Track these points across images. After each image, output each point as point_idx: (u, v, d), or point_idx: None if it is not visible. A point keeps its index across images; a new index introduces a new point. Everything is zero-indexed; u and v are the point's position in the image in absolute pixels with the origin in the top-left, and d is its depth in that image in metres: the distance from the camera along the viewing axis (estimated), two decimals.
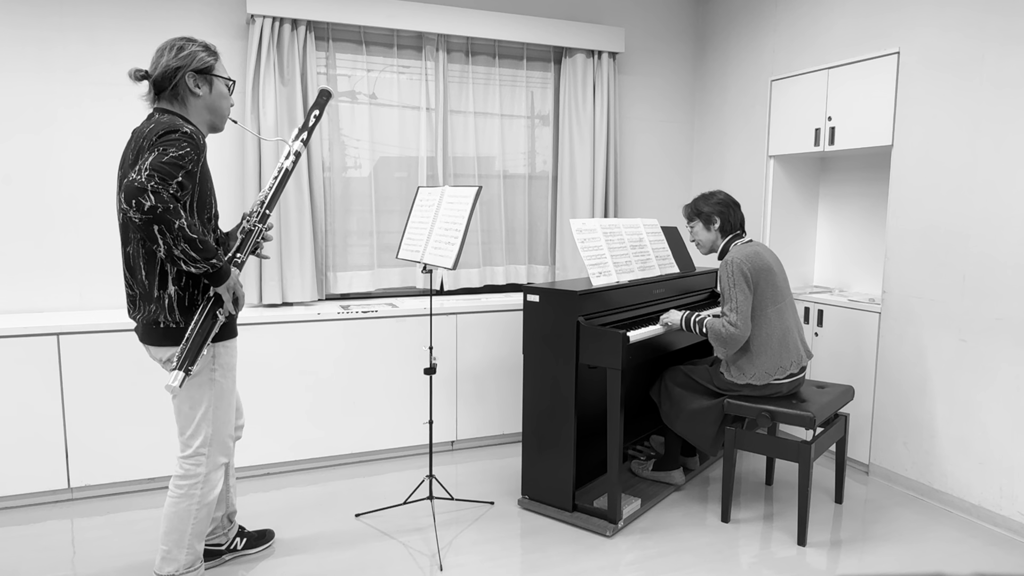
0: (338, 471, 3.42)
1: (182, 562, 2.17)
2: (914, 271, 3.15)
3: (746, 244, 2.87)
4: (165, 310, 2.02)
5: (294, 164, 2.22)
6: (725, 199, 2.96)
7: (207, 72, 2.07)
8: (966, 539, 2.77)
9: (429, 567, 2.53)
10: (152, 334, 2.06)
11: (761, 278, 2.75)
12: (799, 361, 2.81)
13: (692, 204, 3.02)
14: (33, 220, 3.21)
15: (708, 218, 2.95)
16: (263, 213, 2.16)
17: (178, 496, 2.14)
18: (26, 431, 2.91)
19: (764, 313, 2.76)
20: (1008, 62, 2.75)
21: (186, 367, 1.95)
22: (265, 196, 2.18)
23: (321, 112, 2.31)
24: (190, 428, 2.13)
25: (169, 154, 1.84)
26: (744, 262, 2.75)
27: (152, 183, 1.78)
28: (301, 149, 2.25)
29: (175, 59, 2.02)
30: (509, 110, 4.07)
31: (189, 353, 1.97)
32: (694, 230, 3.02)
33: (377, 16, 3.60)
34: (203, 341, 2.00)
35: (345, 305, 3.60)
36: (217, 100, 2.12)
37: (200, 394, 2.12)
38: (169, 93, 2.04)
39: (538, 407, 2.91)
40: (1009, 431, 2.79)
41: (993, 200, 2.82)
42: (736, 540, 2.75)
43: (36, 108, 3.17)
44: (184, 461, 2.15)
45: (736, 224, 2.95)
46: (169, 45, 2.04)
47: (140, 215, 1.77)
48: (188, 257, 1.87)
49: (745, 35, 4.18)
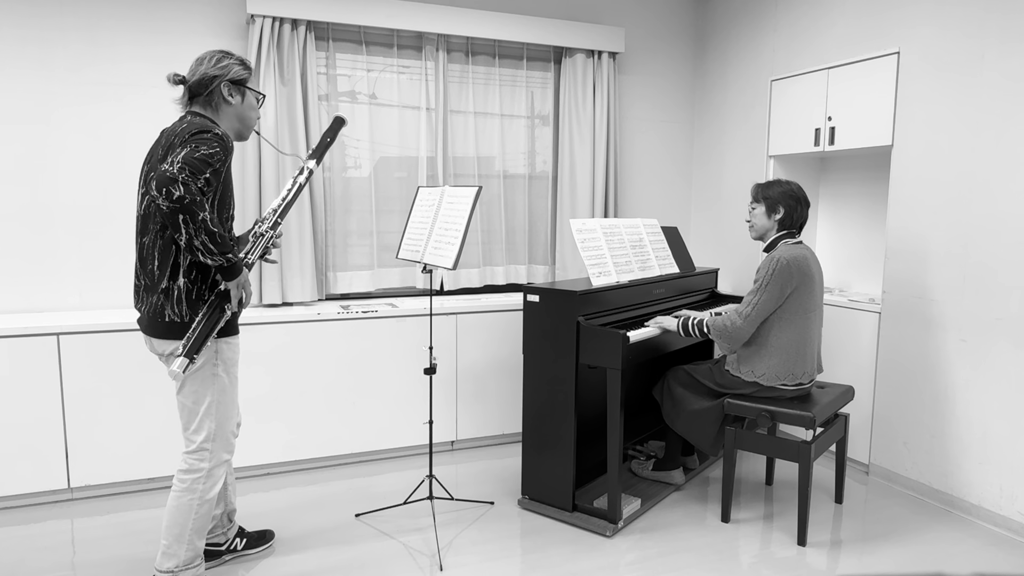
0: (338, 471, 3.42)
1: (182, 558, 2.18)
2: (914, 271, 3.14)
3: (796, 245, 2.79)
4: (173, 302, 2.08)
5: (307, 180, 2.36)
6: (797, 193, 2.83)
7: (241, 83, 2.21)
8: (966, 539, 2.76)
9: (429, 567, 2.53)
10: (156, 327, 2.12)
11: (801, 283, 2.70)
12: (811, 373, 2.79)
13: (763, 186, 2.87)
14: (33, 220, 3.21)
15: (773, 205, 2.82)
16: (275, 220, 2.26)
17: (181, 490, 2.18)
18: (26, 431, 2.91)
19: (792, 318, 2.71)
20: (1008, 61, 2.74)
21: (191, 354, 2.02)
22: (278, 206, 2.28)
23: (333, 139, 2.46)
24: (194, 423, 2.19)
25: (201, 151, 1.94)
26: (792, 265, 2.67)
27: (183, 175, 1.87)
28: (314, 167, 2.38)
29: (214, 68, 2.15)
30: (509, 110, 4.07)
31: (195, 342, 2.04)
32: (754, 212, 2.88)
33: (377, 16, 3.60)
34: (209, 332, 2.07)
35: (345, 305, 3.61)
36: (247, 110, 2.25)
37: (203, 389, 2.17)
38: (203, 99, 2.17)
39: (538, 407, 2.91)
40: (1009, 431, 2.79)
41: (993, 200, 2.82)
42: (736, 540, 2.74)
43: (36, 108, 3.17)
44: (188, 456, 2.20)
45: (797, 222, 2.84)
46: (209, 56, 2.17)
47: (169, 203, 1.86)
48: (206, 248, 1.95)
49: (745, 35, 4.18)
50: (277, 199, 2.30)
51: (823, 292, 2.84)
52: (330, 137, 2.44)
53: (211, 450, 2.20)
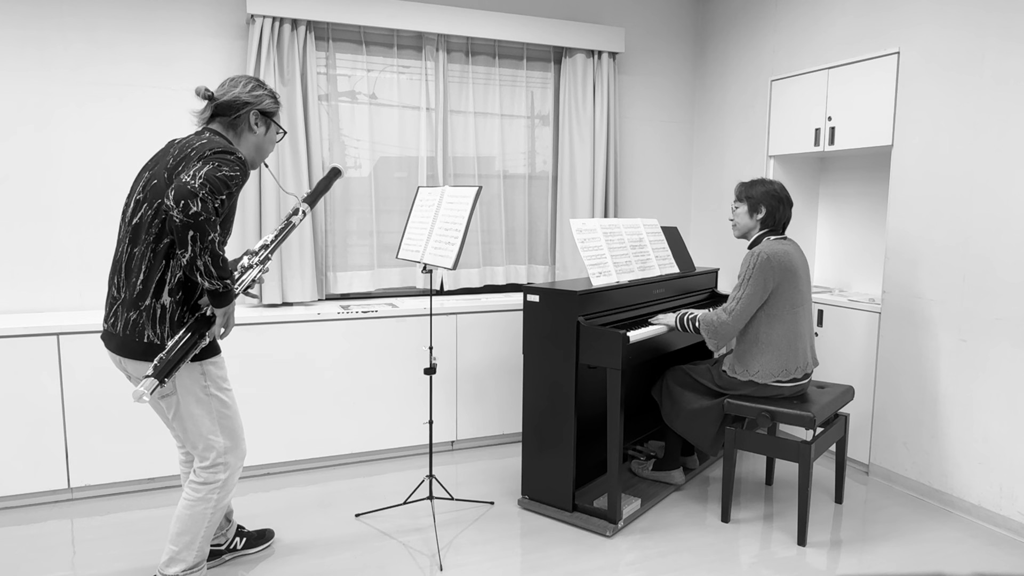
0: (338, 471, 3.42)
1: (189, 563, 2.17)
2: (914, 271, 3.14)
3: (779, 240, 2.80)
4: (154, 321, 2.00)
5: (300, 221, 2.35)
6: (779, 192, 2.84)
7: (269, 116, 2.23)
8: (966, 539, 2.76)
9: (429, 567, 2.53)
10: (132, 347, 2.02)
11: (784, 279, 2.71)
12: (804, 367, 2.79)
13: (746, 185, 2.89)
14: (33, 220, 3.21)
15: (755, 205, 2.84)
16: (265, 256, 2.23)
17: (195, 499, 2.15)
18: (26, 431, 2.91)
19: (780, 314, 2.72)
20: (1008, 60, 2.74)
21: (161, 376, 1.95)
22: (269, 242, 2.25)
23: (328, 187, 2.46)
24: (200, 443, 2.15)
25: (223, 171, 1.93)
26: (772, 259, 2.69)
27: (204, 191, 1.86)
28: (308, 210, 2.37)
29: (248, 95, 2.16)
30: (509, 110, 4.07)
31: (167, 365, 1.96)
32: (737, 211, 2.90)
33: (377, 16, 3.60)
34: (182, 357, 1.99)
35: (345, 305, 3.61)
36: (266, 143, 2.27)
37: (199, 411, 2.13)
38: (229, 121, 2.16)
39: (538, 407, 2.91)
40: (1009, 431, 2.79)
41: (993, 200, 2.82)
42: (736, 540, 2.74)
43: (36, 108, 3.17)
44: (203, 471, 2.17)
45: (780, 222, 2.85)
46: (245, 80, 2.18)
47: (183, 217, 1.83)
48: (207, 270, 1.91)
49: (745, 35, 4.18)
50: (269, 235, 2.27)
51: (810, 286, 2.84)
52: (324, 185, 2.44)
53: (226, 463, 2.18)
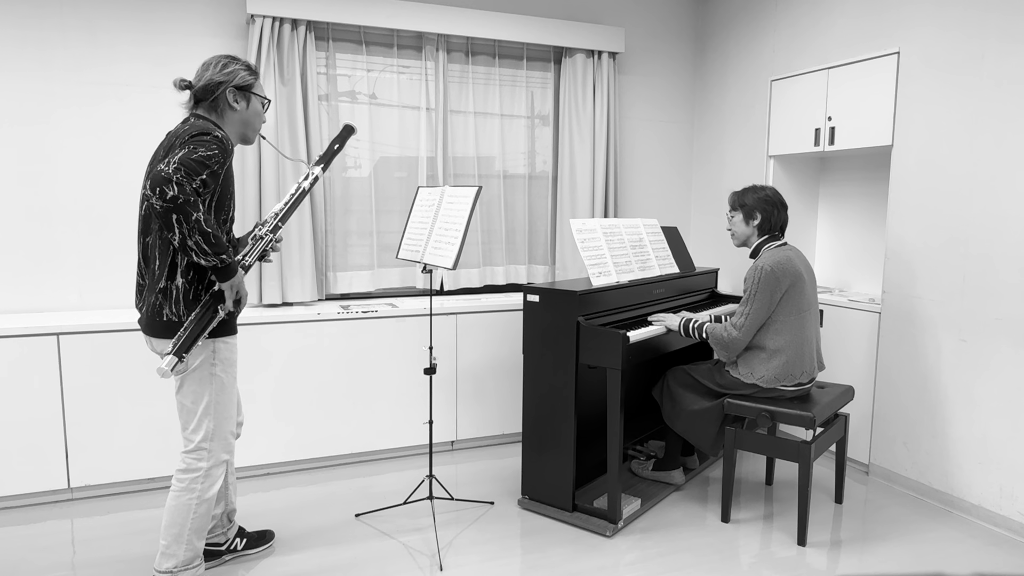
0: (338, 471, 3.42)
1: (181, 558, 2.19)
2: (914, 271, 3.15)
3: (779, 248, 2.80)
4: (171, 302, 2.09)
5: (311, 186, 2.35)
6: (772, 197, 2.84)
7: (246, 89, 2.22)
8: (966, 539, 2.77)
9: (429, 567, 2.53)
10: (155, 326, 2.12)
11: (790, 286, 2.71)
12: (810, 372, 2.79)
13: (739, 194, 2.89)
14: (33, 220, 3.21)
15: (750, 212, 2.84)
16: (276, 225, 2.26)
17: (179, 490, 2.19)
18: (26, 431, 2.91)
19: (787, 320, 2.72)
20: (1008, 60, 2.74)
21: (180, 353, 2.02)
22: (280, 210, 2.28)
23: (341, 146, 2.46)
24: (192, 423, 2.19)
25: (198, 152, 1.95)
26: (776, 269, 2.68)
27: (178, 175, 1.88)
28: (320, 174, 2.37)
29: (219, 74, 2.16)
30: (509, 110, 4.07)
31: (185, 341, 2.04)
32: (733, 220, 2.91)
33: (377, 16, 3.60)
34: (200, 332, 2.07)
35: (345, 305, 3.60)
36: (252, 116, 2.26)
37: (201, 389, 2.17)
38: (208, 104, 2.18)
39: (538, 407, 2.91)
40: (1009, 431, 2.79)
41: (993, 200, 2.82)
42: (736, 540, 2.75)
43: (36, 108, 3.17)
44: (186, 456, 2.21)
45: (777, 226, 2.85)
46: (215, 61, 2.18)
47: (162, 203, 1.87)
48: (200, 249, 1.95)
49: (745, 35, 4.18)
50: (280, 203, 2.29)
51: (815, 289, 2.84)
52: (338, 144, 2.45)
53: (209, 449, 2.20)
